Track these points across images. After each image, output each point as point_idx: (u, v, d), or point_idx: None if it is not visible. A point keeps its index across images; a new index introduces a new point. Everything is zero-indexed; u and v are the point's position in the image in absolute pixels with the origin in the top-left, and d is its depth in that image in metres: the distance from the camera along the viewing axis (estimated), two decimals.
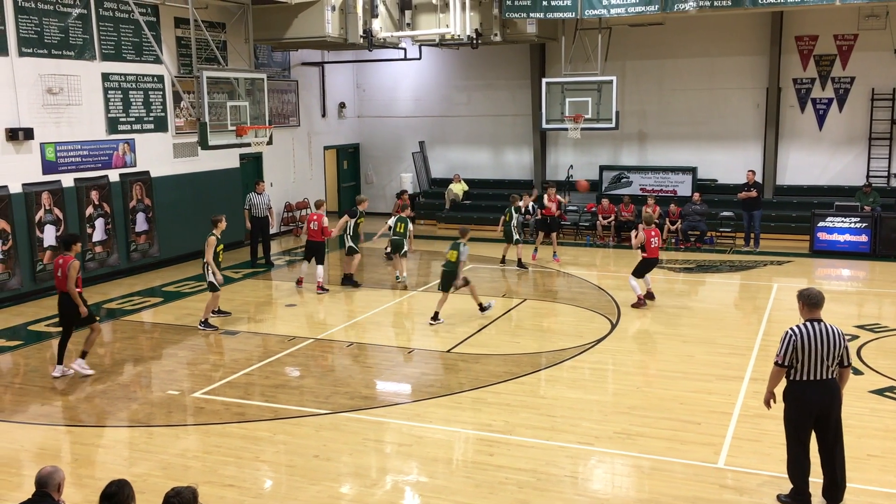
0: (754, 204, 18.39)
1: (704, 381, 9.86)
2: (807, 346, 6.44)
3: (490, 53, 22.12)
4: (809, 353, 6.44)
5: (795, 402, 6.58)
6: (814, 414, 6.54)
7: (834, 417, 6.57)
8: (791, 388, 6.61)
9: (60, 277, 10.10)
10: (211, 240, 12.31)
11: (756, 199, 18.41)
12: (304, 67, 22.38)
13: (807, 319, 6.59)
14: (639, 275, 13.60)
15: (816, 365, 6.46)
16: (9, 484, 7.48)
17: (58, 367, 10.40)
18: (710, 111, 21.21)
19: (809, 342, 6.44)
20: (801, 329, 6.51)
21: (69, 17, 14.74)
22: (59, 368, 10.39)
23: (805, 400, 6.53)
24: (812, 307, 6.60)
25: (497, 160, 23.75)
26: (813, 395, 6.51)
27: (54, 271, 10.23)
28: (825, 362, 6.47)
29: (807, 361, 6.46)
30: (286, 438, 8.39)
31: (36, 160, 14.38)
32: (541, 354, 11.15)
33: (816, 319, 6.56)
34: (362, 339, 12.03)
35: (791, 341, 6.49)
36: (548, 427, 8.54)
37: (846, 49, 19.78)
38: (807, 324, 6.55)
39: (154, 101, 16.79)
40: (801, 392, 6.53)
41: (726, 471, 7.50)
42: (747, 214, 18.47)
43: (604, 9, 17.27)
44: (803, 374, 6.50)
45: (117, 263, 16.14)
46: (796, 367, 6.52)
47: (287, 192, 21.71)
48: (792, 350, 6.48)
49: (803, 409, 6.55)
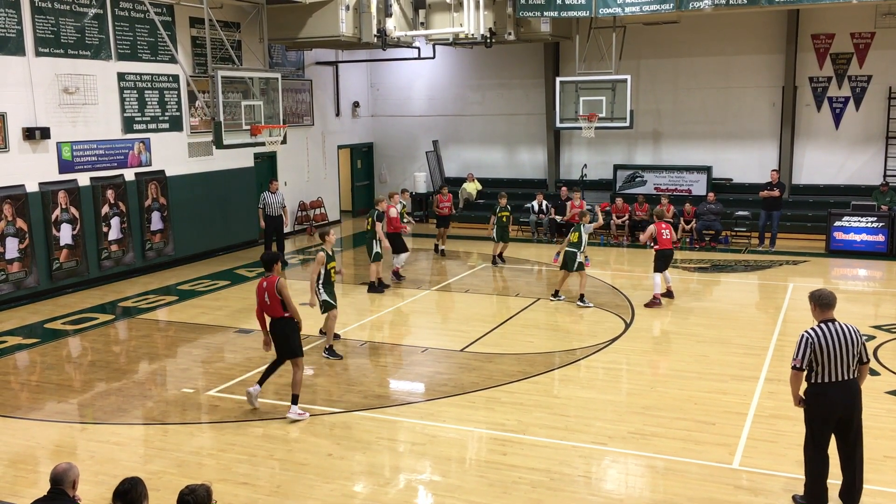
0: (775, 203, 18.24)
1: (719, 382, 9.81)
2: (825, 348, 6.38)
3: (504, 52, 22.09)
4: (828, 354, 6.38)
5: (817, 405, 6.52)
6: (836, 416, 6.47)
7: (856, 419, 6.51)
8: (812, 390, 6.54)
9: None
10: (320, 255, 10.70)
11: (778, 198, 18.25)
12: (318, 67, 22.43)
13: (820, 321, 6.53)
14: (659, 269, 13.58)
15: (837, 365, 6.40)
16: (25, 481, 7.54)
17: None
18: (725, 110, 21.09)
19: (826, 343, 6.38)
20: (817, 331, 6.45)
21: (85, 17, 14.84)
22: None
23: (827, 402, 6.46)
24: (824, 308, 6.55)
25: (511, 159, 23.73)
26: (835, 397, 6.44)
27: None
28: (845, 362, 6.40)
29: (826, 363, 6.40)
30: (300, 437, 8.42)
31: (52, 159, 14.49)
32: (554, 354, 11.12)
33: (830, 320, 6.50)
34: (375, 337, 12.04)
35: (808, 343, 6.42)
36: (561, 427, 8.52)
37: (863, 47, 19.63)
38: (822, 325, 6.49)
39: (169, 101, 16.88)
40: (823, 394, 6.47)
41: (741, 471, 7.46)
42: (766, 214, 18.33)
43: (618, 7, 17.20)
44: (824, 376, 6.44)
45: (133, 262, 16.24)
46: (816, 370, 6.45)
47: (301, 192, 21.76)
48: (809, 352, 6.41)
49: (825, 411, 6.48)
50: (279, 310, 8.71)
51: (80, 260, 15.04)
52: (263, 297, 8.75)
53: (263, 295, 8.75)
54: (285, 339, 8.82)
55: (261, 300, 8.80)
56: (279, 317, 8.75)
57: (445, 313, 13.58)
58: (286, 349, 8.87)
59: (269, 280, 8.72)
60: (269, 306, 8.75)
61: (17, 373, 10.80)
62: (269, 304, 8.73)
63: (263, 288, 8.74)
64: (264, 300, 8.75)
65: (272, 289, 8.66)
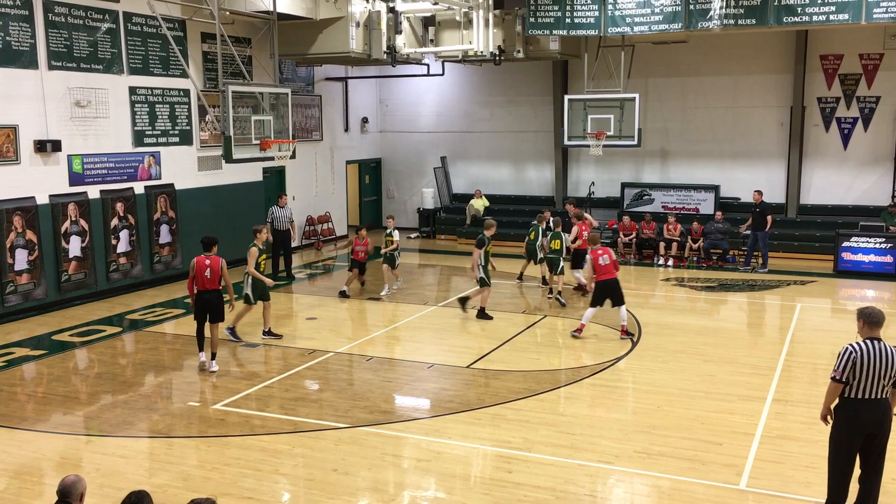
0: (759, 224, 18.00)
1: (726, 401, 9.77)
2: (865, 364, 6.37)
3: (513, 70, 22.19)
4: (866, 370, 6.38)
5: (848, 421, 6.51)
6: (865, 433, 6.47)
7: (883, 437, 6.51)
8: (844, 405, 6.53)
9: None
10: (252, 250, 12.26)
11: (761, 218, 18.00)
12: (328, 82, 22.55)
13: (866, 337, 6.52)
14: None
15: (873, 383, 6.40)
16: (30, 493, 7.54)
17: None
18: (733, 129, 21.12)
19: (868, 360, 6.38)
20: (862, 346, 6.43)
21: (98, 31, 14.98)
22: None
23: (859, 418, 6.46)
24: (873, 325, 6.54)
25: (518, 176, 23.77)
26: (867, 414, 6.44)
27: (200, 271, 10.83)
28: (881, 381, 6.41)
29: (863, 379, 6.40)
30: (305, 452, 8.41)
31: (63, 172, 14.58)
32: (560, 371, 11.10)
33: (876, 338, 6.50)
34: (382, 353, 12.04)
35: (850, 357, 6.41)
36: (567, 445, 8.49)
37: (871, 68, 19.65)
38: (866, 341, 6.47)
39: (180, 115, 16.99)
40: (855, 410, 6.46)
41: (748, 493, 7.42)
42: (752, 235, 18.22)
43: (627, 27, 17.28)
44: (858, 392, 6.43)
45: (141, 274, 16.29)
46: (851, 385, 6.44)
47: (309, 206, 21.83)
48: (851, 366, 6.41)
49: (856, 427, 6.48)
50: (216, 284, 10.80)
51: (88, 272, 15.10)
52: (205, 272, 10.70)
53: (205, 270, 10.70)
54: (215, 307, 10.89)
55: (200, 274, 10.72)
56: (213, 289, 10.79)
57: (451, 329, 13.57)
58: (216, 315, 10.94)
59: (213, 259, 10.76)
60: (209, 280, 10.72)
61: (23, 384, 10.83)
62: (210, 279, 10.72)
63: (206, 265, 10.71)
64: (204, 275, 10.70)
65: (217, 267, 10.73)
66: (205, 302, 10.84)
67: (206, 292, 10.81)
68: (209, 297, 10.83)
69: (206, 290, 10.81)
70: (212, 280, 10.76)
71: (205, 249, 10.94)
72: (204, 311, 10.90)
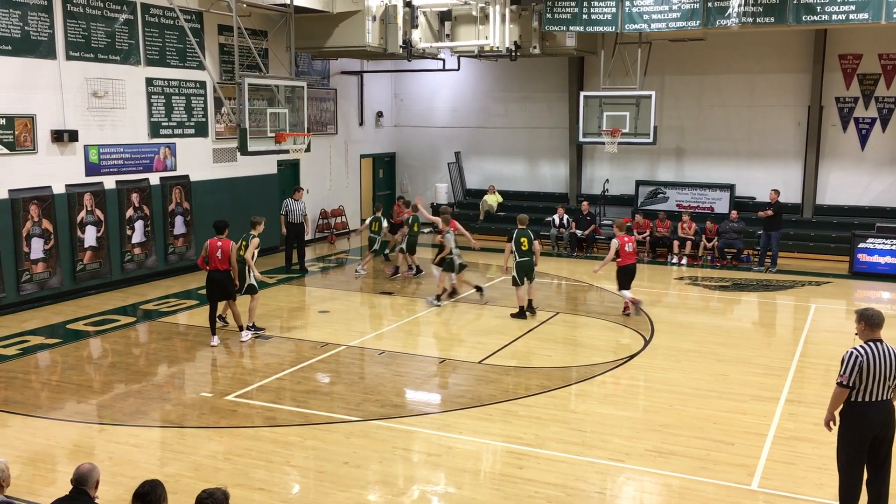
0: (773, 224, 17.90)
1: (739, 401, 9.73)
2: (871, 367, 6.36)
3: (528, 66, 22.12)
4: (872, 373, 6.36)
5: (856, 424, 6.49)
6: (873, 434, 6.46)
7: (889, 438, 6.50)
8: (850, 408, 6.51)
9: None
10: (255, 240, 12.38)
11: (775, 219, 17.87)
12: (343, 76, 22.57)
13: (867, 340, 6.49)
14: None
15: (878, 385, 6.38)
16: (43, 480, 7.60)
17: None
18: (749, 128, 20.99)
19: (874, 362, 6.36)
20: (866, 349, 6.41)
21: (116, 22, 15.04)
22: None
23: (866, 421, 6.44)
24: (874, 327, 6.51)
25: (532, 172, 23.72)
26: (874, 416, 6.43)
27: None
28: (886, 383, 6.39)
29: (869, 382, 6.38)
30: (316, 444, 8.43)
31: (79, 162, 14.67)
32: (572, 368, 11.08)
33: (878, 340, 6.47)
34: (394, 347, 12.06)
35: (857, 361, 6.38)
36: (578, 442, 8.48)
37: (890, 69, 19.48)
38: (869, 343, 6.45)
39: (196, 107, 17.05)
40: (862, 413, 6.44)
41: (759, 493, 7.39)
42: (766, 235, 18.12)
43: (644, 23, 17.20)
44: (864, 395, 6.41)
45: (155, 265, 16.37)
46: (857, 388, 6.42)
47: (323, 200, 21.87)
48: (857, 370, 6.38)
49: (864, 430, 6.46)
50: (226, 265, 11.70)
51: (103, 262, 15.19)
52: (216, 252, 11.66)
53: (216, 251, 11.66)
54: (224, 286, 11.83)
55: (212, 255, 11.68)
56: (223, 269, 11.70)
57: (463, 325, 13.57)
58: (225, 293, 11.96)
59: (224, 241, 11.71)
60: (219, 260, 11.65)
61: (38, 372, 10.91)
62: (220, 259, 11.64)
63: (218, 246, 11.68)
64: (216, 255, 11.65)
65: (227, 249, 11.67)
66: (214, 281, 11.83)
67: (216, 272, 11.77)
68: (219, 276, 11.78)
69: (216, 270, 11.76)
70: (222, 261, 11.72)
71: (217, 232, 11.88)
72: (214, 290, 11.90)
